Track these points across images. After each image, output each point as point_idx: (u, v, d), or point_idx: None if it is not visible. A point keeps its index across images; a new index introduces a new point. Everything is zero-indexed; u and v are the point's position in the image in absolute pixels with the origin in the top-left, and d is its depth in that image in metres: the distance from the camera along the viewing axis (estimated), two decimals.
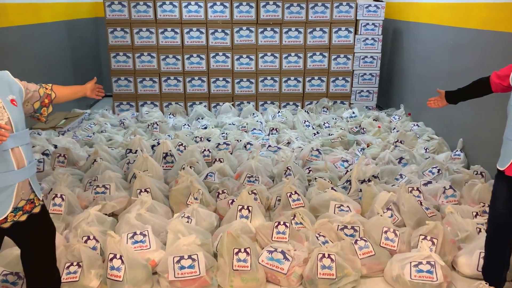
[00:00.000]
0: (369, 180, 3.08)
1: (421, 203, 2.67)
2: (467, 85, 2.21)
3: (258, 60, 5.07)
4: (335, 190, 2.88)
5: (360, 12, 4.97)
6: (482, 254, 2.16)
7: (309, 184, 3.20)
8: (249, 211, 2.55)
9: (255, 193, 2.89)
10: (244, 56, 5.06)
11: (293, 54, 5.07)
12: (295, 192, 2.77)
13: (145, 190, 2.86)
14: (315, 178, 3.15)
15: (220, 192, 2.94)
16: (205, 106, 5.14)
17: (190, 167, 3.24)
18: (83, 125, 4.51)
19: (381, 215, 2.50)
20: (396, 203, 2.70)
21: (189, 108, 5.18)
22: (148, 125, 4.40)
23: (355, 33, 5.04)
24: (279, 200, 2.88)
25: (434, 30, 4.22)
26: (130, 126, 4.54)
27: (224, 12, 4.90)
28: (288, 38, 5.02)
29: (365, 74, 5.18)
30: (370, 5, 4.93)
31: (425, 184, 3.03)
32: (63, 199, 2.68)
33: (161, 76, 5.10)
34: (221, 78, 5.12)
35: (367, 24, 5.02)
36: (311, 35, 5.02)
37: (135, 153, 3.57)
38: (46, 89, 1.82)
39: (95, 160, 3.33)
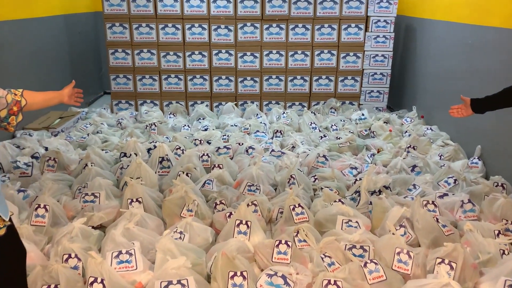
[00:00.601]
0: (379, 191, 2.84)
1: (437, 219, 2.42)
2: (497, 92, 1.95)
3: (262, 58, 4.83)
4: (342, 203, 2.65)
5: (371, 8, 4.70)
6: (509, 282, 1.92)
7: (314, 194, 2.97)
8: (247, 226, 2.33)
9: (255, 204, 2.66)
10: (248, 53, 4.82)
11: (299, 52, 4.82)
12: (299, 205, 2.53)
13: (137, 200, 2.65)
14: (321, 188, 2.91)
15: (218, 202, 2.72)
16: (207, 105, 4.92)
17: (187, 173, 3.02)
18: (78, 125, 4.30)
19: (393, 233, 2.26)
20: (409, 219, 2.46)
21: (190, 108, 4.96)
22: (146, 126, 4.19)
23: (366, 30, 4.78)
24: (282, 212, 2.65)
25: (451, 27, 3.95)
26: (127, 126, 4.33)
27: (228, 7, 4.66)
28: (294, 35, 4.77)
29: (375, 73, 4.92)
30: (381, 1, 4.67)
31: (441, 197, 2.78)
32: (46, 210, 2.47)
33: (161, 74, 4.87)
34: (223, 77, 4.89)
35: (378, 21, 4.75)
36: (319, 32, 4.77)
37: (130, 157, 3.35)
38: (15, 95, 1.59)
39: (86, 165, 3.13)
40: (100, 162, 3.25)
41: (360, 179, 3.04)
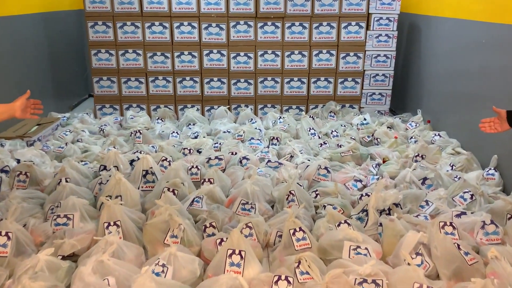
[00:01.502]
0: (389, 210, 2.53)
1: (458, 245, 2.12)
2: None
3: (257, 59, 4.51)
4: (349, 224, 2.34)
5: (373, 5, 4.39)
6: None
7: (316, 213, 2.66)
8: (241, 257, 2.01)
9: (250, 227, 2.35)
10: (242, 54, 4.49)
11: (296, 52, 4.50)
12: (300, 229, 2.22)
13: (115, 224, 2.32)
14: (324, 206, 2.60)
15: (207, 225, 2.40)
16: (197, 110, 4.59)
17: (173, 190, 2.70)
18: (57, 133, 3.95)
19: (409, 264, 1.96)
20: (426, 245, 2.16)
21: (179, 112, 4.63)
22: (131, 133, 3.85)
23: (367, 28, 4.47)
24: (280, 236, 2.34)
25: (461, 25, 3.65)
26: (110, 134, 3.98)
27: (219, 4, 4.33)
28: (291, 34, 4.45)
29: (377, 74, 4.61)
30: None
31: (458, 216, 2.48)
32: (9, 238, 2.14)
33: (148, 76, 4.54)
34: (215, 79, 4.56)
35: (381, 18, 4.44)
36: (317, 31, 4.45)
37: (110, 170, 3.02)
38: None
39: (60, 180, 2.79)
40: (77, 176, 2.91)
41: (367, 194, 2.74)
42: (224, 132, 3.94)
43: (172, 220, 2.25)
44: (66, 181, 2.81)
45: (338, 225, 2.36)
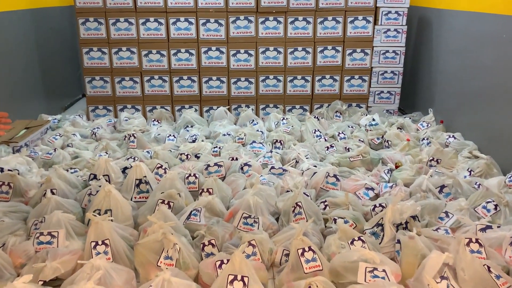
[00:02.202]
0: (406, 223, 2.29)
1: (488, 267, 1.88)
2: None
3: (258, 56, 4.26)
4: (363, 242, 2.11)
5: None
6: None
7: (325, 226, 2.42)
8: (244, 283, 1.77)
9: (253, 245, 2.12)
10: (242, 51, 4.24)
11: (300, 48, 4.25)
12: (309, 248, 1.98)
13: (103, 243, 2.09)
14: (334, 220, 2.36)
15: (206, 243, 2.16)
16: (195, 110, 4.35)
17: (168, 202, 2.47)
18: (46, 137, 3.71)
19: None
20: (451, 266, 1.92)
21: (177, 113, 4.39)
22: (125, 137, 3.61)
23: (375, 23, 4.22)
24: (287, 255, 2.11)
25: (477, 19, 3.40)
26: (103, 138, 3.74)
27: None
28: (294, 29, 4.20)
29: (386, 72, 4.36)
30: None
31: (483, 230, 2.25)
32: None
33: (143, 76, 4.29)
34: (214, 78, 4.32)
35: (389, 12, 4.19)
36: (322, 26, 4.20)
37: (100, 180, 2.78)
38: None
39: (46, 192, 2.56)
40: (64, 187, 2.68)
41: (381, 205, 2.50)
42: (224, 135, 3.70)
43: (166, 239, 2.01)
44: (52, 193, 2.59)
45: (351, 243, 2.13)
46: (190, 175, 2.80)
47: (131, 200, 2.66)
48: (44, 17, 4.55)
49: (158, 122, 4.18)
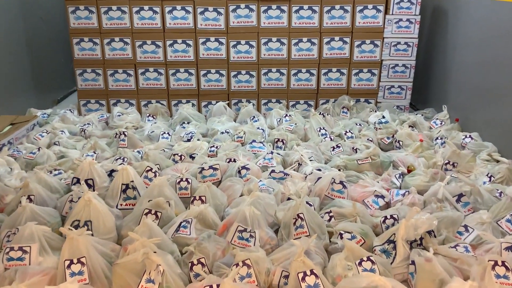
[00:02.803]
0: (421, 240, 2.04)
1: None
2: None
3: (260, 48, 3.99)
4: (373, 263, 1.86)
5: None
6: None
7: (330, 241, 2.17)
8: None
9: (248, 265, 1.87)
10: (243, 42, 3.97)
11: (305, 39, 3.97)
12: (311, 272, 1.74)
13: (79, 261, 1.85)
14: (340, 235, 2.11)
15: (195, 262, 1.92)
16: (193, 105, 4.09)
17: (156, 212, 2.22)
18: (32, 134, 3.47)
19: None
20: None
21: (173, 108, 4.14)
22: (116, 134, 3.36)
23: (386, 12, 3.92)
24: (286, 277, 1.86)
25: (498, 7, 3.09)
26: (92, 135, 3.50)
27: None
28: (299, 19, 3.92)
29: (397, 65, 4.07)
30: None
31: (509, 249, 1.98)
32: None
33: (137, 68, 4.04)
34: (213, 71, 4.05)
35: (401, 1, 3.90)
36: (329, 15, 3.91)
37: (86, 183, 2.54)
38: None
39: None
40: (44, 193, 2.44)
41: (392, 217, 2.25)
42: (222, 132, 3.44)
43: (149, 260, 1.77)
44: (30, 199, 2.36)
45: (359, 263, 1.88)
46: (182, 179, 2.55)
47: (116, 207, 2.43)
48: (33, 6, 4.29)
49: (153, 118, 3.94)
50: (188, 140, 3.34)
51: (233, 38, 3.96)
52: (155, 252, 1.82)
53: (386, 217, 2.27)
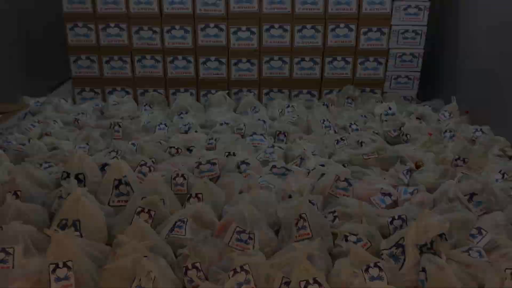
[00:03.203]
0: (431, 244, 1.91)
1: None
2: None
3: (262, 34, 3.82)
4: (380, 269, 1.73)
5: None
6: None
7: (334, 244, 2.04)
8: None
9: (246, 271, 1.74)
10: (244, 28, 3.80)
11: (309, 26, 3.80)
12: (315, 281, 1.61)
13: (64, 265, 1.73)
14: (345, 237, 1.98)
15: (189, 267, 1.80)
16: (192, 95, 3.95)
17: (149, 211, 2.10)
18: (23, 124, 3.33)
19: None
20: None
21: (171, 97, 3.99)
22: (110, 124, 3.23)
23: None
24: (287, 283, 1.73)
25: None
26: (86, 125, 3.36)
27: None
28: (302, 4, 3.75)
29: (404, 54, 3.91)
30: None
31: None
32: None
33: (134, 55, 3.88)
34: (212, 58, 3.89)
35: None
36: (334, 1, 3.75)
37: (76, 178, 2.41)
38: None
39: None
40: (31, 188, 2.31)
41: (400, 217, 2.12)
42: (221, 124, 3.30)
43: (140, 265, 1.64)
44: (17, 195, 2.23)
45: (366, 270, 1.75)
46: (177, 175, 2.42)
47: (108, 204, 2.30)
48: None
49: (150, 107, 3.79)
50: (186, 132, 3.20)
51: (233, 24, 3.80)
52: (146, 256, 1.70)
53: (393, 218, 2.14)
